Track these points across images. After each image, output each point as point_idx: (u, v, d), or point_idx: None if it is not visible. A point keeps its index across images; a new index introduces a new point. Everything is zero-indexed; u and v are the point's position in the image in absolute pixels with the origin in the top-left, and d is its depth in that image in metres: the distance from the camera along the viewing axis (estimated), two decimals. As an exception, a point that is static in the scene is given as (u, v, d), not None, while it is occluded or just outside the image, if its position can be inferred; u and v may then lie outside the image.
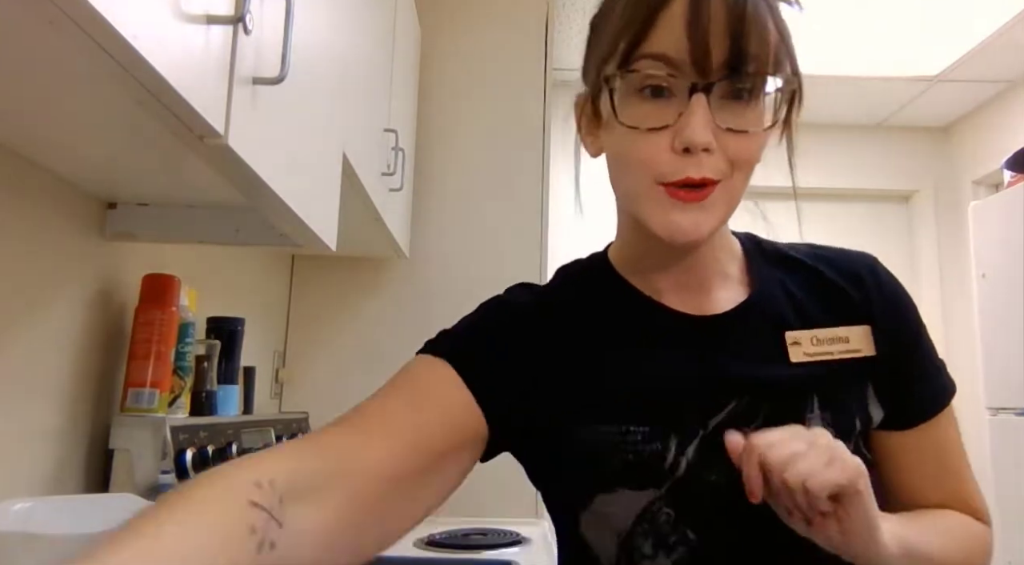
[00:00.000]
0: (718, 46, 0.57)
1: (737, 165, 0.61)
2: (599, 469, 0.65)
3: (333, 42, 1.09)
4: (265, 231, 1.11)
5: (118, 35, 0.49)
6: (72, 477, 1.04)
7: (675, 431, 0.65)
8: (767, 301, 0.70)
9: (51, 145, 0.90)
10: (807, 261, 0.73)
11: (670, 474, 0.64)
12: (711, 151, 0.59)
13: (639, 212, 0.63)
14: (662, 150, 0.60)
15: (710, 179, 0.59)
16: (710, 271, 0.70)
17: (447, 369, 0.65)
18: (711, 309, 0.69)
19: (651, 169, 0.60)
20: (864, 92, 3.31)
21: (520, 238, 2.09)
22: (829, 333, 0.68)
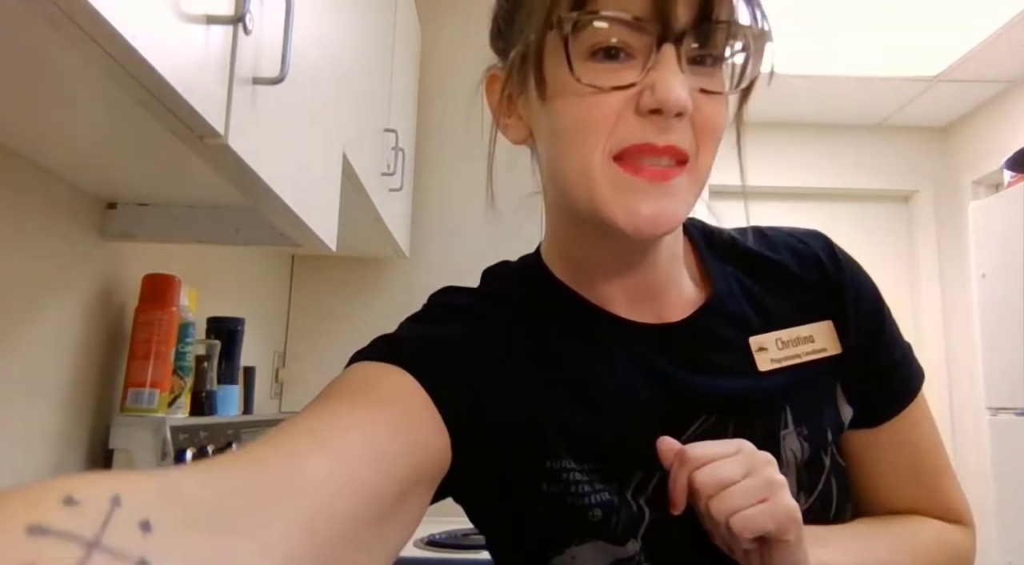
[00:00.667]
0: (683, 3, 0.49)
1: (703, 139, 0.51)
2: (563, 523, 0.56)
3: (333, 42, 1.09)
4: (265, 231, 1.11)
5: (118, 35, 0.49)
6: (72, 477, 1.04)
7: (635, 463, 0.56)
8: (727, 303, 0.61)
9: (51, 145, 0.90)
10: (760, 251, 0.64)
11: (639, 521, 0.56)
12: (683, 115, 0.49)
13: (591, 200, 0.51)
14: (623, 112, 0.49)
15: (676, 148, 0.50)
16: (665, 272, 0.60)
17: (406, 379, 0.50)
18: (667, 316, 0.60)
19: (610, 137, 0.50)
20: (864, 92, 3.31)
21: (520, 238, 2.09)
22: (793, 333, 0.61)
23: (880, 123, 3.66)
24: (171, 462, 1.06)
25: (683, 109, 0.48)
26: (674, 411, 0.57)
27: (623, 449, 0.56)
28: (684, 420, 0.58)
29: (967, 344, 3.36)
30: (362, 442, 0.41)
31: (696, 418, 0.58)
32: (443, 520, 1.81)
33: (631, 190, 0.50)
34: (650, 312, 0.60)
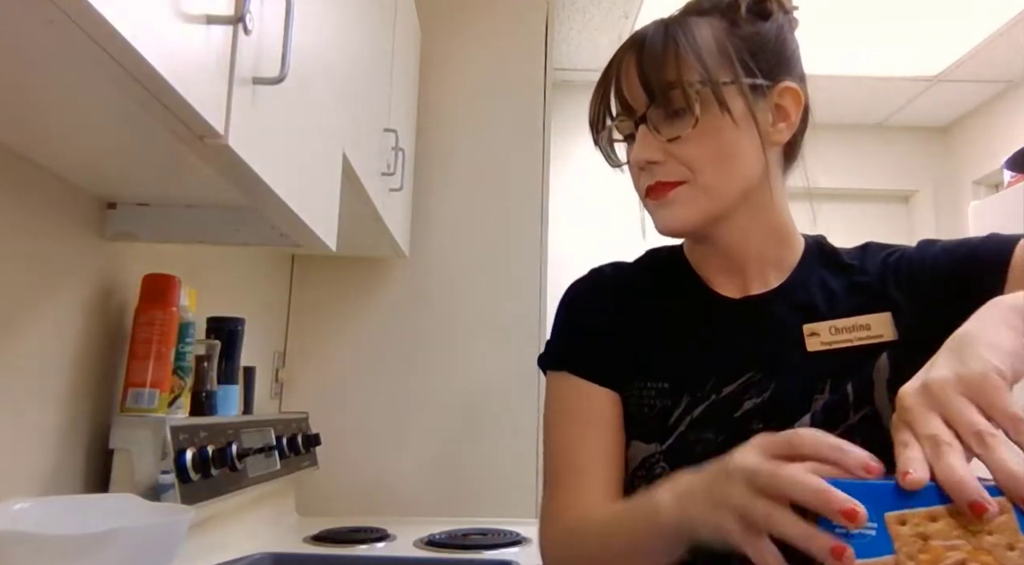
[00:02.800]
0: (633, 89, 0.75)
1: (694, 165, 0.73)
2: (629, 420, 0.78)
3: (333, 42, 1.09)
4: (265, 231, 1.11)
5: (118, 35, 0.50)
6: (72, 477, 1.04)
7: (688, 392, 0.75)
8: (797, 290, 0.78)
9: (51, 145, 0.90)
10: (850, 261, 0.81)
11: (672, 430, 0.74)
12: (659, 163, 0.74)
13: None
14: (635, 172, 0.78)
15: (664, 182, 0.74)
16: (747, 258, 0.80)
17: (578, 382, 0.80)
18: (749, 291, 0.80)
19: (636, 185, 0.78)
20: (864, 92, 3.31)
21: (520, 238, 2.09)
22: (849, 322, 0.74)
23: (880, 123, 3.66)
24: (171, 462, 1.06)
25: (650, 160, 0.74)
26: (731, 363, 0.75)
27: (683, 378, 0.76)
28: (736, 372, 0.75)
29: None
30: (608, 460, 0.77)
31: (745, 372, 0.74)
32: (443, 520, 1.82)
33: (651, 209, 0.78)
34: (736, 287, 0.81)
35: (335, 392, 2.03)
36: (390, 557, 1.50)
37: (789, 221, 0.83)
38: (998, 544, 0.40)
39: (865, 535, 0.42)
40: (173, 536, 0.79)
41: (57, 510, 0.83)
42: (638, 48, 0.75)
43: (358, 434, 1.99)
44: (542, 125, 2.16)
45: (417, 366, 2.04)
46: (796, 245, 0.83)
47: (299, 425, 1.71)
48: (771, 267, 0.80)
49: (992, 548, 0.40)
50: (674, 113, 0.73)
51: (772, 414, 0.72)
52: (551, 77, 2.21)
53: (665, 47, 0.73)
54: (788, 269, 0.81)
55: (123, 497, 0.92)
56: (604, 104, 0.79)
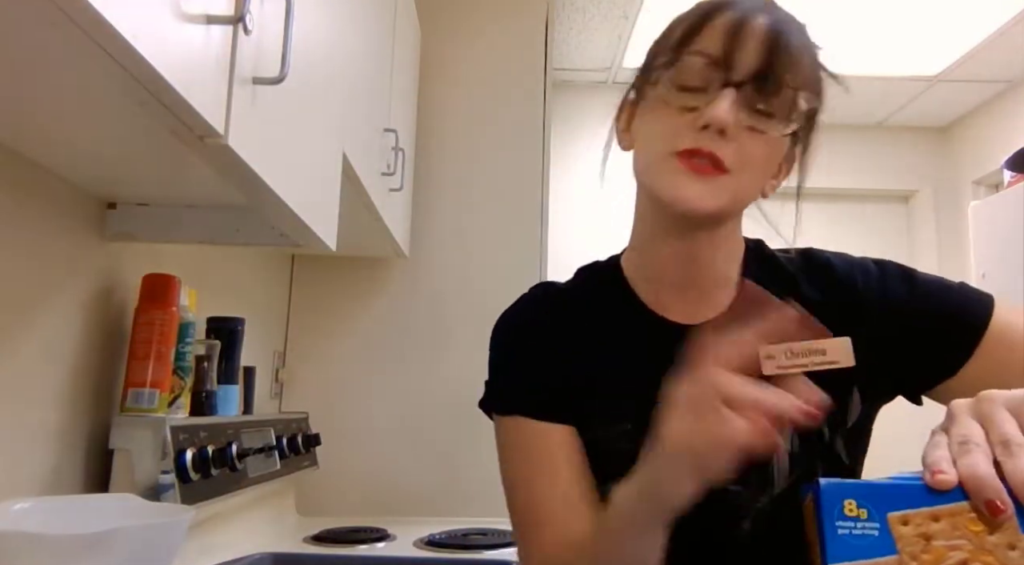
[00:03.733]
0: (752, 53, 0.66)
1: (746, 163, 0.67)
2: (604, 460, 0.73)
3: (333, 42, 1.09)
4: (265, 231, 1.11)
5: (118, 35, 0.50)
6: (72, 477, 1.04)
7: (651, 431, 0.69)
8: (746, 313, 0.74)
9: (51, 145, 0.90)
10: (798, 276, 0.77)
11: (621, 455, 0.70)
12: (727, 135, 0.65)
13: (652, 182, 0.69)
14: (686, 126, 0.67)
15: (718, 157, 0.65)
16: (709, 275, 0.75)
17: (532, 424, 0.75)
18: (703, 316, 0.75)
19: (671, 140, 0.67)
20: (864, 92, 3.31)
21: (520, 238, 2.09)
22: (805, 346, 0.69)
23: (880, 123, 3.66)
24: (171, 462, 1.06)
25: (723, 126, 0.64)
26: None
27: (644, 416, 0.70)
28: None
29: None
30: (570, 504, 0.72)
31: None
32: (443, 520, 1.82)
33: (679, 175, 0.66)
34: (688, 314, 0.75)
35: (335, 392, 2.03)
36: (390, 557, 1.50)
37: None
38: (1000, 544, 0.40)
39: (867, 536, 0.42)
40: (173, 536, 0.79)
41: (57, 510, 0.83)
42: (779, 23, 0.68)
43: (358, 434, 1.99)
44: (542, 125, 2.16)
45: (417, 366, 2.04)
46: (740, 252, 0.79)
47: (299, 425, 1.70)
48: (722, 283, 0.76)
49: (994, 548, 0.40)
50: (761, 107, 0.67)
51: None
52: (551, 77, 2.21)
53: (802, 45, 0.69)
54: (732, 285, 0.77)
55: (123, 497, 0.92)
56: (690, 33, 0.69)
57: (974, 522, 0.41)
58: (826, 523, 0.43)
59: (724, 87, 0.66)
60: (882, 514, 0.42)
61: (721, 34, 0.67)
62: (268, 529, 1.60)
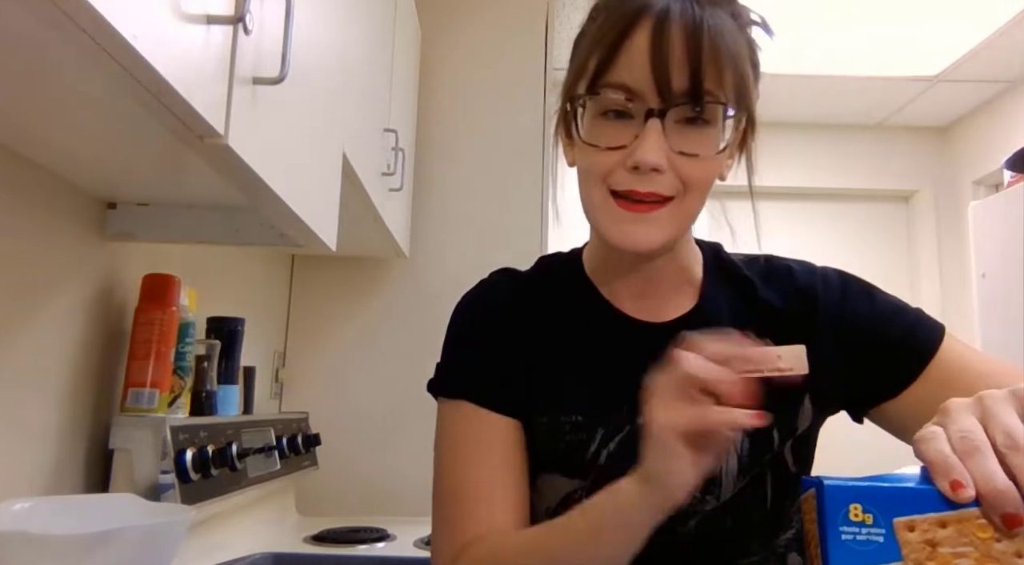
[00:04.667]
0: (675, 77, 0.63)
1: (689, 186, 0.66)
2: (538, 453, 0.72)
3: (333, 42, 1.09)
4: (265, 231, 1.11)
5: (118, 35, 0.49)
6: (72, 477, 1.04)
7: (602, 424, 0.71)
8: (706, 316, 0.74)
9: (51, 145, 0.90)
10: (756, 281, 0.77)
11: (592, 464, 0.70)
12: (661, 171, 0.64)
13: (596, 223, 0.69)
14: (617, 166, 0.66)
15: (657, 194, 0.65)
16: (667, 281, 0.75)
17: (476, 411, 0.73)
18: (662, 316, 0.75)
19: (605, 179, 0.66)
20: (864, 92, 3.31)
21: (520, 238, 2.09)
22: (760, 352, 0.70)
23: (880, 123, 3.66)
24: (171, 462, 1.06)
25: (656, 167, 0.63)
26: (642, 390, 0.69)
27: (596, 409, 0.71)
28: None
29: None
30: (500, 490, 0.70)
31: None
32: (443, 520, 1.81)
33: (622, 220, 0.66)
34: (648, 312, 0.75)
35: (335, 392, 2.03)
36: (390, 557, 1.50)
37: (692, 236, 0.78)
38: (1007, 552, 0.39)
39: (872, 542, 0.41)
40: (173, 536, 0.79)
41: (57, 510, 0.83)
42: (698, 29, 0.62)
43: (358, 434, 1.99)
44: (542, 125, 2.15)
45: (417, 366, 2.03)
46: (697, 257, 0.78)
47: (299, 425, 1.70)
48: (682, 287, 0.76)
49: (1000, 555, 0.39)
50: (689, 120, 0.65)
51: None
52: (551, 77, 2.21)
53: (726, 44, 0.63)
54: (695, 287, 0.77)
55: (123, 497, 0.92)
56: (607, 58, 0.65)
57: (982, 529, 0.40)
58: (829, 528, 0.42)
59: (648, 118, 0.63)
60: (888, 519, 0.41)
61: (639, 62, 0.63)
62: (268, 529, 1.60)
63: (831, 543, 0.42)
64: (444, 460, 0.73)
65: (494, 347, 0.75)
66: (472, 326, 0.78)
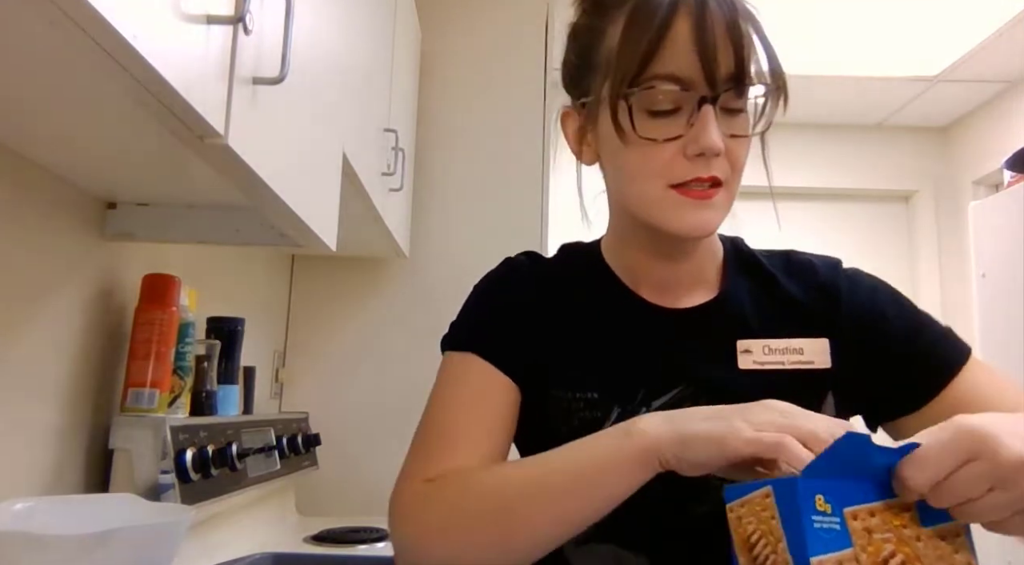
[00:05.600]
0: (723, 64, 0.64)
1: (735, 168, 0.67)
2: (551, 429, 0.72)
3: (333, 42, 1.09)
4: (265, 231, 1.11)
5: (118, 35, 0.49)
6: (72, 477, 1.04)
7: (618, 403, 0.71)
8: (729, 305, 0.75)
9: (51, 145, 0.90)
10: (777, 274, 0.77)
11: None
12: (720, 155, 0.65)
13: (653, 216, 0.68)
14: (675, 157, 0.66)
15: (718, 178, 0.66)
16: (690, 271, 0.76)
17: (482, 364, 0.73)
18: (682, 304, 0.76)
19: (667, 175, 0.66)
20: (864, 92, 3.31)
21: (520, 238, 2.09)
22: (783, 344, 0.71)
23: (880, 123, 3.66)
24: (171, 462, 1.06)
25: (720, 152, 0.65)
26: (661, 376, 0.71)
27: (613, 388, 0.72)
28: (667, 385, 0.71)
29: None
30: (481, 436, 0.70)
31: (676, 386, 0.71)
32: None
33: (684, 207, 0.66)
34: (668, 300, 0.76)
35: (335, 392, 2.02)
36: (390, 557, 1.50)
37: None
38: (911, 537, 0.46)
39: (831, 529, 0.45)
40: (173, 536, 0.79)
41: (57, 510, 0.83)
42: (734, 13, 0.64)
43: (358, 434, 1.99)
44: (542, 125, 2.15)
45: (417, 366, 2.03)
46: (718, 249, 0.79)
47: (299, 425, 1.70)
48: (703, 277, 0.77)
49: (908, 540, 0.45)
50: (736, 106, 0.67)
51: None
52: (551, 77, 2.21)
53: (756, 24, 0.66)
54: (715, 278, 0.77)
55: (123, 497, 0.92)
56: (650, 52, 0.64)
57: (895, 517, 0.46)
58: (805, 518, 0.45)
59: (701, 105, 0.64)
60: (840, 509, 0.46)
61: (686, 51, 0.63)
62: (268, 529, 1.60)
63: (808, 532, 0.45)
64: (436, 400, 0.74)
65: (512, 315, 0.76)
66: (492, 293, 0.79)
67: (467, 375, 0.73)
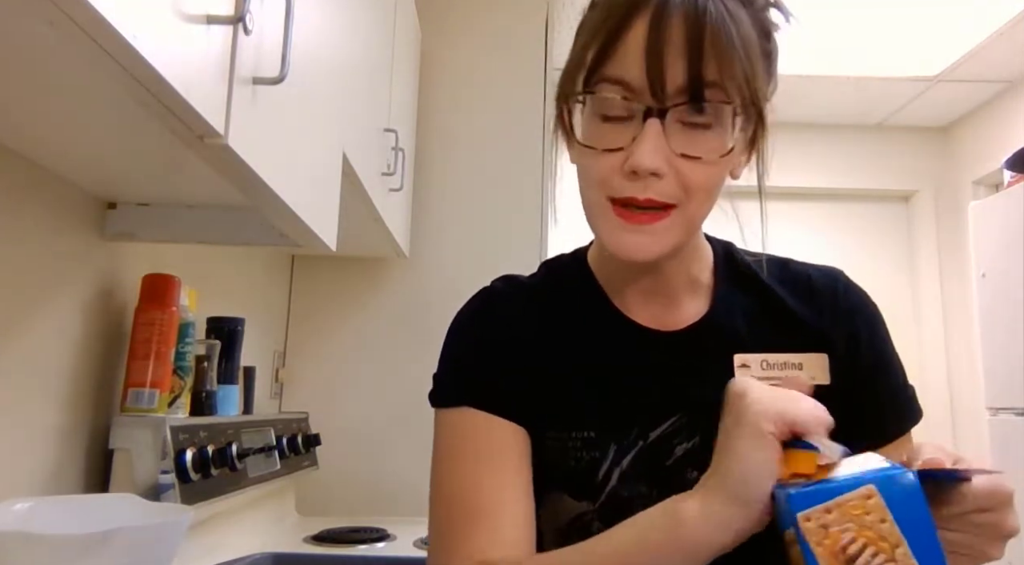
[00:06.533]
0: (674, 73, 0.58)
1: (691, 191, 0.61)
2: (547, 470, 0.67)
3: (333, 42, 1.09)
4: (265, 231, 1.11)
5: (118, 35, 0.49)
6: (72, 477, 1.04)
7: (615, 440, 0.67)
8: (721, 322, 0.71)
9: (51, 145, 0.90)
10: (772, 285, 0.73)
11: (603, 486, 0.66)
12: (660, 176, 0.59)
13: (593, 226, 0.66)
14: (614, 170, 0.61)
15: (656, 201, 0.60)
16: (677, 283, 0.71)
17: (482, 417, 0.67)
18: (674, 323, 0.71)
19: (603, 185, 0.62)
20: (864, 92, 3.31)
21: (520, 238, 2.09)
22: (781, 358, 0.68)
23: (880, 123, 3.66)
24: (171, 462, 1.06)
25: (655, 172, 0.59)
26: (657, 405, 0.67)
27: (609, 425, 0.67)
28: (663, 414, 0.67)
29: (967, 344, 3.35)
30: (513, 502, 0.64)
31: (673, 414, 0.67)
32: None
33: (620, 228, 0.62)
34: (660, 318, 0.71)
35: (335, 392, 2.02)
36: (390, 557, 1.50)
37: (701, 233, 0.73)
38: (875, 520, 0.49)
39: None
40: (173, 536, 0.79)
41: (57, 510, 0.83)
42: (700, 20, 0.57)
43: (358, 434, 1.99)
44: (542, 125, 2.15)
45: (417, 366, 2.03)
46: (708, 256, 0.74)
47: (299, 425, 1.70)
48: (692, 289, 0.72)
49: (871, 525, 0.49)
50: (696, 121, 0.60)
51: (706, 460, 0.57)
52: (551, 77, 2.21)
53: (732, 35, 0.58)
54: (705, 285, 0.73)
55: (123, 497, 0.92)
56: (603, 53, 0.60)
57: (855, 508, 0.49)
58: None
59: (647, 118, 0.59)
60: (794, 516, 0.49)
61: (636, 56, 0.58)
62: (268, 529, 1.60)
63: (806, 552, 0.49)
64: (443, 468, 0.67)
65: (499, 355, 0.69)
66: (474, 334, 0.72)
67: (470, 434, 0.67)
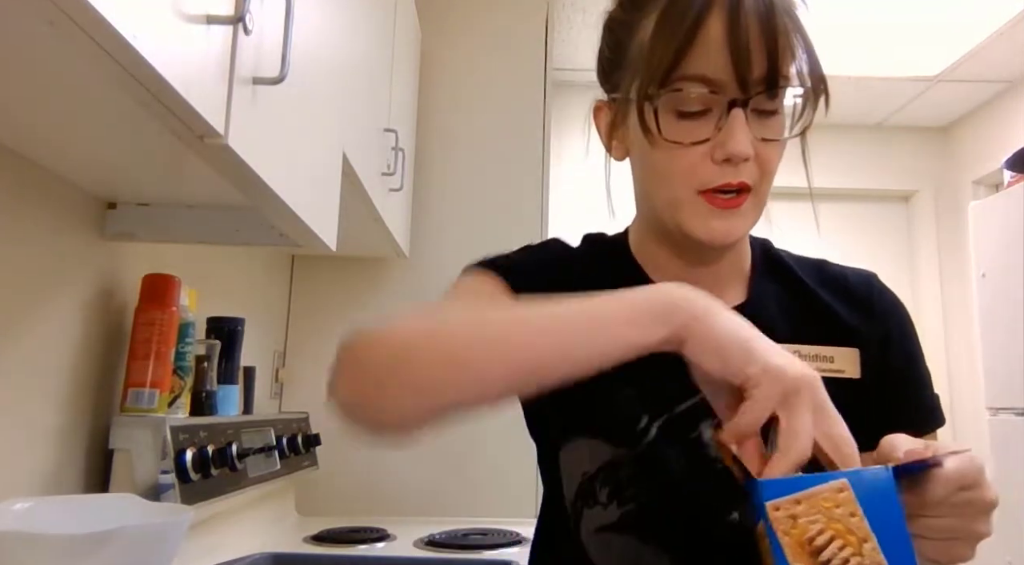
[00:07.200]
0: (756, 65, 0.61)
1: (765, 172, 0.65)
2: (588, 412, 0.70)
3: (333, 42, 1.09)
4: (265, 231, 1.11)
5: (118, 35, 0.50)
6: (72, 477, 1.04)
7: (652, 402, 0.70)
8: (757, 311, 0.71)
9: (51, 145, 0.90)
10: (807, 281, 0.76)
11: (641, 437, 0.69)
12: (749, 160, 0.64)
13: (679, 220, 0.67)
14: (703, 161, 0.64)
15: (746, 184, 0.64)
16: (723, 273, 0.74)
17: (500, 282, 0.71)
18: None
19: (693, 179, 0.65)
20: (864, 92, 3.31)
21: (520, 238, 2.09)
22: (813, 350, 0.70)
23: (880, 123, 3.66)
24: (171, 462, 1.06)
25: (748, 157, 0.63)
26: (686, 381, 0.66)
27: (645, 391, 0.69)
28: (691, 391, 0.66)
29: (967, 344, 3.35)
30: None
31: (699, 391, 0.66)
32: (443, 520, 1.82)
33: (710, 215, 0.65)
34: None
35: (335, 392, 2.02)
36: (390, 557, 1.50)
37: None
38: (844, 514, 0.49)
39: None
40: (173, 536, 0.79)
41: (57, 510, 0.83)
42: (765, 12, 0.61)
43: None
44: (542, 125, 2.15)
45: (417, 366, 2.03)
46: (747, 251, 0.77)
47: (299, 425, 1.70)
48: (732, 279, 0.75)
49: (840, 518, 0.49)
50: (768, 108, 0.64)
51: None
52: (551, 77, 2.21)
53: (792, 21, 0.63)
54: (743, 280, 0.76)
55: (123, 497, 0.92)
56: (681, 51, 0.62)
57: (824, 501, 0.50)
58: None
59: (731, 108, 0.62)
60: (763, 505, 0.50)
61: (717, 52, 0.61)
62: (268, 529, 1.60)
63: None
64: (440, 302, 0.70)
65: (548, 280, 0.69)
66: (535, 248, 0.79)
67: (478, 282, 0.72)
